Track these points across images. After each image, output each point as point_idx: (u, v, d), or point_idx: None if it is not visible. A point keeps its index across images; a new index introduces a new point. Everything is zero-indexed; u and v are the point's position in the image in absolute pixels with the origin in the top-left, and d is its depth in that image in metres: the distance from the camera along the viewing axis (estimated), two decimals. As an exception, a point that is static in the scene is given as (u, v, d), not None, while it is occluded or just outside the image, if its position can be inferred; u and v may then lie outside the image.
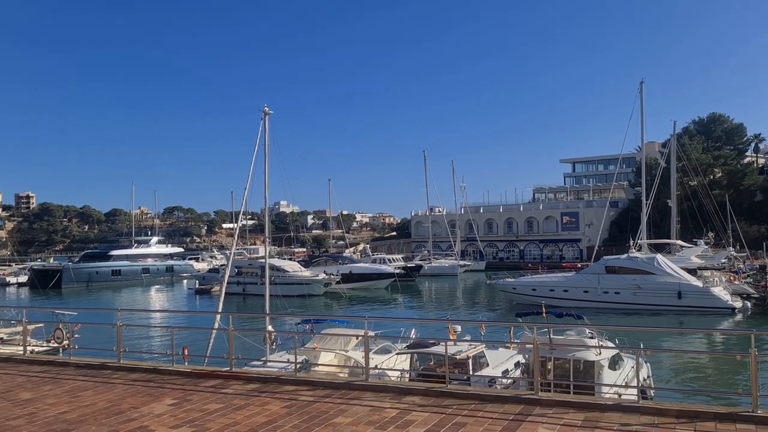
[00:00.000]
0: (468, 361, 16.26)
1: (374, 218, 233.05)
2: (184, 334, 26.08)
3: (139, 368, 12.04)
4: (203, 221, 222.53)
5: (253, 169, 29.84)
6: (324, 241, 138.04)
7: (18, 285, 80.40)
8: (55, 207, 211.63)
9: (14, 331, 26.85)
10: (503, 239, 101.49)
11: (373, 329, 13.16)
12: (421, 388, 9.83)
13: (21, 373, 12.10)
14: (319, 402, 9.23)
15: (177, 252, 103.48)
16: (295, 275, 59.04)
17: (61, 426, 8.35)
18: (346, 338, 18.55)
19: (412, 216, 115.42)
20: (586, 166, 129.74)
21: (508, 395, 9.35)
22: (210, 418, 8.55)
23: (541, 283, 47.99)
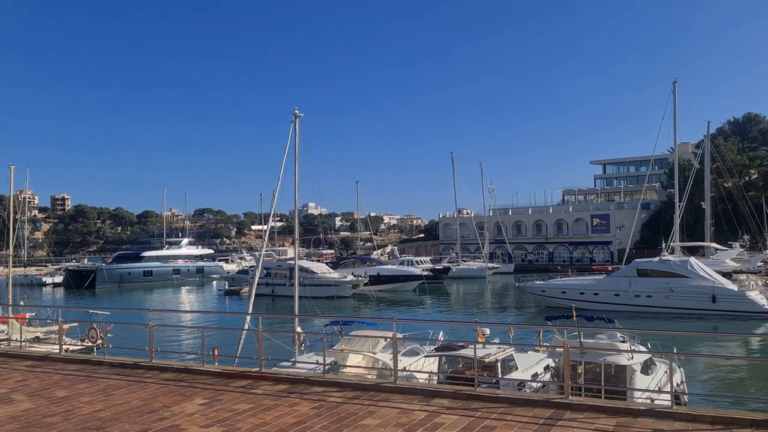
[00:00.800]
0: (497, 365, 16.13)
1: (402, 220, 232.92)
2: (214, 335, 26.43)
3: (171, 368, 12.21)
4: (233, 223, 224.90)
5: (283, 171, 30.10)
6: (352, 243, 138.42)
7: (54, 285, 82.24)
8: (89, 209, 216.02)
9: (50, 330, 27.52)
10: (532, 241, 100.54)
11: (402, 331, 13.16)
12: (449, 390, 9.79)
13: (57, 371, 12.37)
14: (347, 403, 9.26)
15: (207, 253, 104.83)
16: (324, 277, 59.28)
17: (95, 424, 8.51)
18: (374, 340, 18.56)
19: (440, 218, 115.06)
20: (616, 168, 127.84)
21: (538, 399, 9.25)
22: (240, 418, 8.64)
23: (570, 286, 47.42)
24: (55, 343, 18.86)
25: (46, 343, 24.12)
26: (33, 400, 9.98)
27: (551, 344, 17.18)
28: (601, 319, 19.23)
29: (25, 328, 22.46)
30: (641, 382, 15.45)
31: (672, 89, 51.48)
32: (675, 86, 51.46)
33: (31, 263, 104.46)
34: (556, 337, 17.27)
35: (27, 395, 10.32)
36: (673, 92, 51.34)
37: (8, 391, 10.63)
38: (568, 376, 9.48)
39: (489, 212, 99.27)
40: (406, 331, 20.86)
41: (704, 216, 60.57)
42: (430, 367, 17.56)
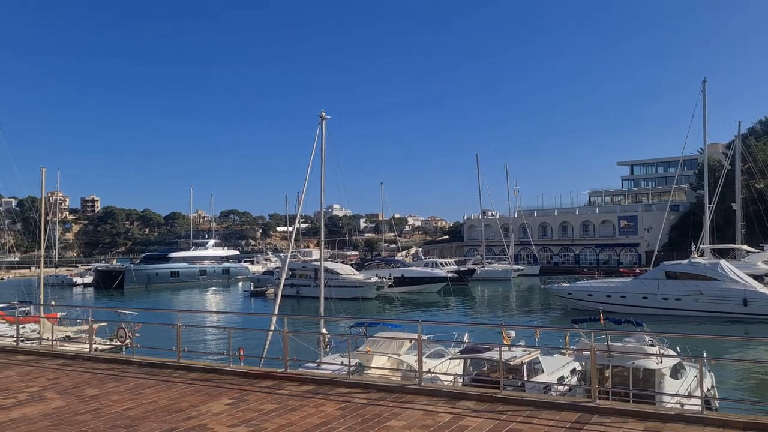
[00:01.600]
0: (522, 367, 16.00)
1: (426, 222, 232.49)
2: (239, 336, 26.63)
3: (198, 368, 12.34)
4: (258, 224, 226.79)
5: (309, 173, 30.29)
6: (376, 245, 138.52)
7: (84, 285, 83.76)
8: (118, 210, 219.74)
9: (80, 329, 27.99)
10: (558, 243, 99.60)
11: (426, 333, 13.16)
12: (474, 393, 9.74)
13: (87, 369, 12.59)
14: (372, 405, 9.26)
15: (233, 254, 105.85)
16: (348, 278, 59.45)
17: (124, 422, 8.64)
18: (398, 342, 18.56)
19: (465, 219, 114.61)
20: (644, 169, 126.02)
21: (565, 402, 9.16)
22: (266, 418, 8.69)
23: (597, 289, 46.87)
24: (85, 343, 19.20)
25: (76, 342, 24.56)
26: (64, 398, 10.17)
27: (578, 347, 17.01)
28: (629, 323, 18.97)
29: (56, 328, 22.90)
30: (670, 387, 15.20)
31: (701, 89, 50.64)
32: (704, 86, 50.61)
33: (62, 264, 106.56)
34: (582, 340, 17.08)
35: (58, 393, 10.52)
36: (703, 92, 50.49)
37: (40, 389, 10.85)
38: (595, 379, 9.36)
39: (514, 214, 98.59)
40: (431, 333, 20.81)
41: (735, 218, 59.40)
42: (455, 369, 17.49)
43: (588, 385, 10.87)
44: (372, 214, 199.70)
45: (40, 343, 17.96)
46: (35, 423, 8.67)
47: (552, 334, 28.12)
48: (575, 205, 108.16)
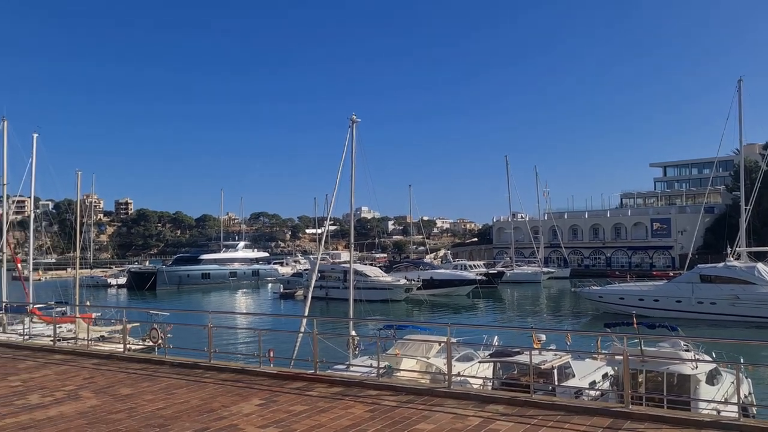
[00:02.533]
0: (553, 372, 15.82)
1: (455, 224, 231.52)
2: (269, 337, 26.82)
3: (228, 368, 12.48)
4: (287, 226, 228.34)
5: (340, 176, 30.44)
6: (405, 247, 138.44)
7: (117, 286, 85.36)
8: (150, 213, 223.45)
9: (113, 329, 28.54)
10: (589, 246, 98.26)
11: (455, 336, 13.10)
12: (504, 396, 9.66)
13: (121, 369, 12.82)
14: (402, 407, 9.25)
15: (262, 256, 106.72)
16: (377, 280, 59.52)
17: (157, 421, 8.77)
18: (428, 345, 18.51)
19: (494, 222, 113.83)
20: (678, 170, 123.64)
21: (597, 407, 9.03)
22: (296, 419, 8.75)
23: (629, 292, 46.13)
24: (119, 342, 19.55)
25: (110, 342, 25.03)
26: (99, 397, 10.37)
27: (610, 352, 16.75)
28: (664, 327, 18.60)
29: (91, 328, 23.38)
30: (706, 393, 14.88)
31: (737, 88, 49.41)
32: (740, 85, 49.38)
33: (97, 265, 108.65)
34: (615, 345, 16.81)
35: (93, 392, 10.73)
36: (738, 91, 49.27)
37: (76, 388, 11.08)
38: (628, 384, 9.21)
39: (544, 216, 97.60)
40: (460, 336, 20.69)
41: (773, 220, 57.92)
42: (485, 372, 17.37)
43: (621, 390, 10.71)
44: (400, 217, 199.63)
45: (75, 343, 18.33)
46: (72, 421, 8.86)
47: (583, 338, 27.77)
48: (606, 207, 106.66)
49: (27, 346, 16.38)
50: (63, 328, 24.93)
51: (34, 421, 8.93)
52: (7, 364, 13.73)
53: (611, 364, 17.09)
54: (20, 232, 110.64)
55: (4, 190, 38.97)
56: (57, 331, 17.17)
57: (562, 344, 20.22)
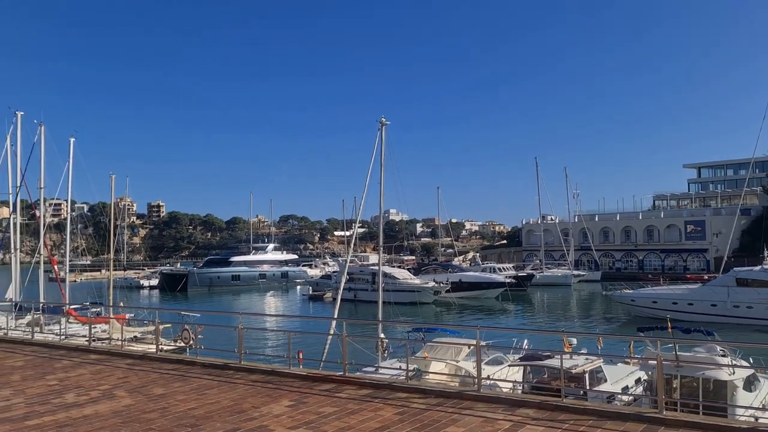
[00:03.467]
0: (584, 376, 15.61)
1: (484, 226, 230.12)
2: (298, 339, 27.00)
3: (258, 369, 12.59)
4: (316, 229, 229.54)
5: (369, 178, 30.54)
6: (433, 249, 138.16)
7: (150, 288, 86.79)
8: (182, 215, 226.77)
9: (146, 330, 28.98)
10: (620, 248, 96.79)
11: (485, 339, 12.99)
12: (535, 400, 9.56)
13: (154, 369, 13.03)
14: (431, 410, 9.22)
15: (291, 258, 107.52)
16: (405, 283, 59.48)
17: (189, 421, 8.89)
18: (456, 348, 18.42)
19: (523, 224, 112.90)
20: (713, 171, 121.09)
21: (629, 413, 8.87)
22: (325, 420, 8.77)
23: (662, 296, 45.31)
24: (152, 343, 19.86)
25: (142, 342, 25.43)
26: (133, 396, 10.55)
27: (643, 356, 16.47)
28: (699, 331, 18.22)
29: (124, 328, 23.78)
30: (743, 399, 14.53)
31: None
32: (778, 84, 48.26)
33: (130, 267, 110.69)
34: (648, 349, 16.52)
35: (128, 392, 10.92)
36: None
37: (111, 387, 11.29)
38: (662, 389, 9.04)
39: (574, 218, 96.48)
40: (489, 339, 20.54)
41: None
42: (514, 376, 17.22)
43: (654, 395, 10.51)
44: (429, 219, 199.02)
45: (110, 343, 18.69)
46: (107, 420, 9.03)
47: (615, 343, 27.34)
48: (638, 209, 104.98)
49: (63, 346, 16.75)
50: (98, 329, 25.42)
51: (71, 419, 9.12)
52: (44, 363, 14.06)
53: (644, 369, 16.79)
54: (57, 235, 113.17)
55: (42, 193, 39.89)
56: (92, 332, 17.51)
57: (594, 348, 19.95)
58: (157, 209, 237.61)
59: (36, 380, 12.11)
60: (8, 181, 39.49)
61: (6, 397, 10.60)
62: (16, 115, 39.13)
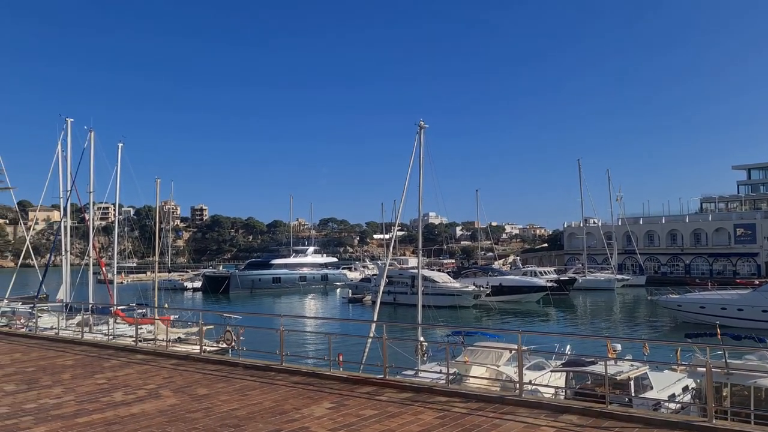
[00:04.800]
0: (629, 383, 15.27)
1: (524, 230, 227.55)
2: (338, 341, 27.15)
3: (299, 371, 12.69)
4: (356, 232, 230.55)
5: (408, 181, 30.55)
6: (473, 253, 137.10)
7: (193, 290, 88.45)
8: (224, 219, 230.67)
9: (189, 331, 29.55)
10: (666, 252, 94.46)
11: (526, 344, 12.84)
12: (578, 407, 9.38)
13: (198, 370, 13.26)
14: (472, 414, 9.14)
15: (331, 261, 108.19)
16: (445, 286, 59.21)
17: (232, 422, 9.01)
18: (497, 353, 18.24)
19: (565, 227, 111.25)
20: (763, 173, 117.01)
21: (677, 421, 8.63)
22: (366, 423, 8.78)
23: (711, 301, 44.00)
24: (195, 344, 20.24)
25: (186, 343, 25.92)
26: (178, 396, 10.76)
27: (691, 363, 16.02)
28: (750, 338, 17.64)
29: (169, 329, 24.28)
30: (798, 409, 13.98)
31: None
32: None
33: (174, 269, 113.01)
34: (696, 356, 16.07)
35: (173, 391, 11.14)
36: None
37: (156, 387, 11.54)
38: (711, 398, 8.76)
39: (617, 221, 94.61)
40: (531, 344, 20.30)
41: None
42: (557, 382, 16.95)
43: (703, 403, 10.21)
44: (468, 222, 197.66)
45: (155, 344, 19.10)
46: (153, 419, 9.23)
47: (661, 349, 26.65)
48: (685, 212, 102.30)
49: (111, 346, 17.20)
50: (144, 329, 26.02)
51: (119, 417, 9.35)
52: (93, 363, 14.46)
53: (693, 377, 16.34)
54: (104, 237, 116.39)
55: (91, 197, 41.08)
56: (138, 332, 17.93)
57: (639, 354, 19.52)
58: (200, 213, 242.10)
59: (86, 379, 12.46)
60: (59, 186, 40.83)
61: (58, 395, 10.94)
62: (66, 122, 40.48)
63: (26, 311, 27.07)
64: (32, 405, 10.22)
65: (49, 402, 10.39)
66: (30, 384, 12.02)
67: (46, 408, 9.97)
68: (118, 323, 27.24)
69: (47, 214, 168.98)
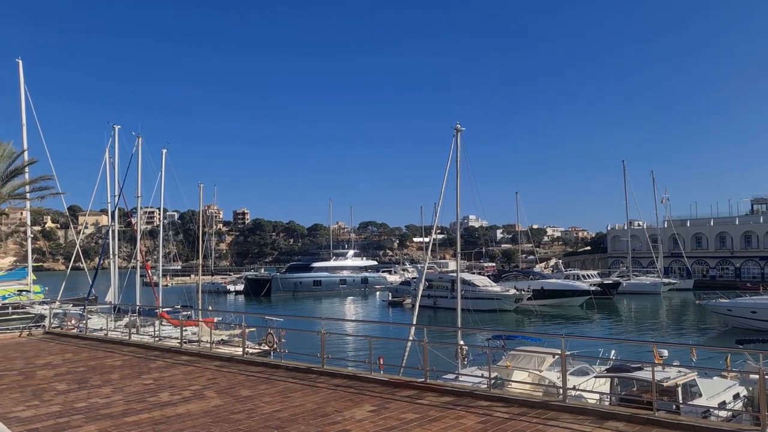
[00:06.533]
0: (677, 389, 14.85)
1: (566, 232, 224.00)
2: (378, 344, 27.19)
3: (341, 374, 12.75)
4: (395, 235, 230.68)
5: (445, 184, 30.46)
6: (513, 256, 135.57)
7: (236, 293, 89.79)
8: (265, 222, 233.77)
9: (232, 333, 29.98)
10: (715, 255, 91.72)
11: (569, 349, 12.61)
12: (624, 413, 9.17)
13: (241, 371, 13.46)
14: (514, 420, 9.03)
15: (371, 265, 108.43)
16: (485, 290, 58.72)
17: (275, 423, 9.11)
18: (539, 357, 17.98)
19: (609, 230, 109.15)
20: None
21: (729, 429, 8.37)
22: (407, 427, 8.76)
23: (763, 305, 42.48)
24: (238, 346, 20.51)
25: (229, 345, 26.31)
26: (222, 397, 10.94)
27: (743, 370, 15.51)
28: (805, 344, 16.98)
29: (213, 332, 24.71)
30: None
31: None
32: None
33: (217, 272, 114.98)
34: (749, 363, 15.54)
35: (217, 392, 11.33)
36: None
37: (201, 388, 11.75)
38: (764, 406, 8.46)
39: (663, 223, 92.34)
40: (574, 348, 19.95)
41: None
42: (601, 388, 16.58)
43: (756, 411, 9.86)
44: (509, 225, 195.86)
45: (199, 345, 19.45)
46: (198, 419, 9.40)
47: (710, 355, 25.88)
48: (735, 214, 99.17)
49: (157, 347, 17.59)
50: (188, 331, 26.53)
51: (165, 417, 9.55)
52: (140, 363, 14.82)
53: (744, 384, 15.81)
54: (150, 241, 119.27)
55: (139, 202, 42.09)
56: (183, 334, 18.29)
57: (687, 360, 18.98)
58: (242, 216, 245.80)
59: (133, 379, 12.78)
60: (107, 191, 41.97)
61: (107, 395, 11.24)
62: (113, 128, 41.60)
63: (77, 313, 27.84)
64: (83, 404, 10.53)
65: (99, 401, 10.70)
66: (81, 383, 12.39)
67: (95, 407, 10.26)
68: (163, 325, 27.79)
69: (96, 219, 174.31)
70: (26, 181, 31.17)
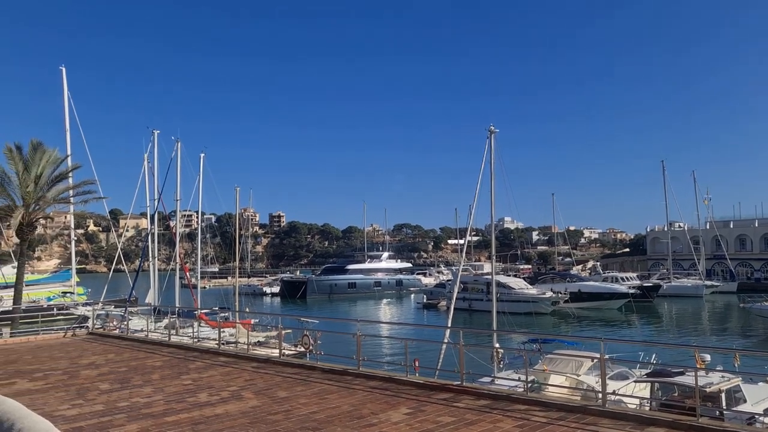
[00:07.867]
0: (720, 395, 14.48)
1: (604, 234, 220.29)
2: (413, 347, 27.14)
3: (376, 376, 12.77)
4: (430, 237, 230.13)
5: (479, 186, 30.29)
6: (550, 258, 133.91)
7: (272, 295, 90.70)
8: (300, 225, 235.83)
9: (268, 335, 30.31)
10: (760, 257, 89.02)
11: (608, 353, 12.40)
12: (666, 419, 8.98)
13: (278, 373, 13.60)
14: (552, 424, 8.92)
15: (405, 267, 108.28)
16: (521, 292, 58.11)
17: (311, 425, 9.17)
18: (578, 361, 17.72)
19: (648, 231, 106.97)
20: None
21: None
22: (443, 430, 8.72)
23: (811, 310, 41.15)
24: (274, 348, 20.73)
25: (266, 346, 26.61)
26: (259, 398, 11.07)
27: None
28: None
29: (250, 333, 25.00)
30: None
31: None
32: None
33: (253, 274, 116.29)
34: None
35: (254, 393, 11.47)
36: None
37: (239, 389, 11.91)
38: (814, 413, 8.20)
39: (705, 225, 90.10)
40: (613, 352, 19.63)
41: None
42: (641, 393, 16.28)
43: (805, 419, 9.56)
44: (545, 227, 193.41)
45: (237, 347, 19.73)
46: (236, 420, 9.53)
47: (755, 360, 25.14)
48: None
49: (196, 348, 17.90)
50: (226, 333, 26.94)
51: (204, 417, 9.71)
52: (180, 364, 15.10)
53: (791, 390, 15.34)
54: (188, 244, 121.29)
55: (178, 205, 42.91)
56: (221, 335, 18.57)
57: (730, 365, 18.48)
58: (278, 219, 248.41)
59: (173, 379, 13.02)
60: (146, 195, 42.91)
61: (148, 395, 11.49)
62: (153, 133, 42.54)
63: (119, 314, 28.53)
64: (125, 403, 10.78)
65: (140, 401, 10.93)
66: (123, 383, 12.68)
67: (137, 407, 10.49)
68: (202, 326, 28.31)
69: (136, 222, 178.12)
70: (70, 185, 32.09)
